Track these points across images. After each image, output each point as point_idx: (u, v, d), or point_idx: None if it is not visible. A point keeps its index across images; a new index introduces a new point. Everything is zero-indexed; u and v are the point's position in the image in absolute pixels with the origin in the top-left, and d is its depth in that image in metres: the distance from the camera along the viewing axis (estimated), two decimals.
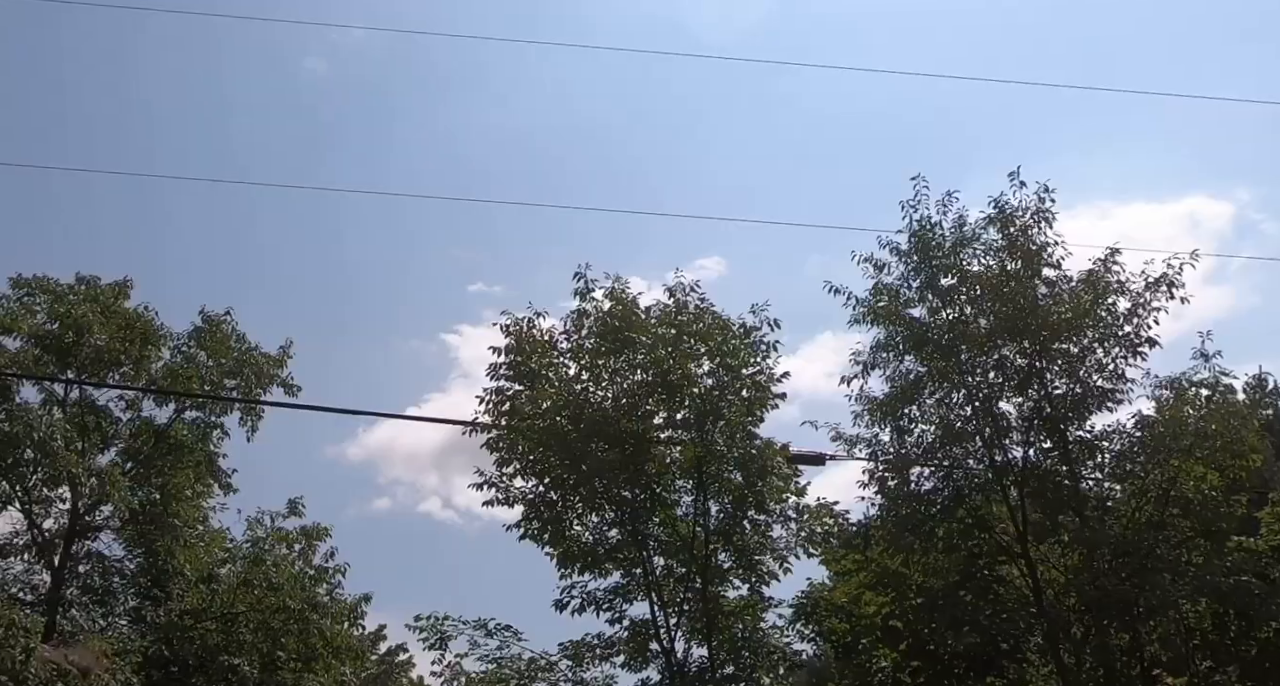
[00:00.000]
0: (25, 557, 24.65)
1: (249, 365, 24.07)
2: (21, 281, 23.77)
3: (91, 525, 24.06)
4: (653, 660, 18.07)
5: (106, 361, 23.58)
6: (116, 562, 24.69)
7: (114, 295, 24.08)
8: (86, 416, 23.80)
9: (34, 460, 22.41)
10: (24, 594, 24.17)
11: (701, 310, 18.03)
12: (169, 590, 23.02)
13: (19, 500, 23.86)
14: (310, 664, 21.91)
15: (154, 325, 24.15)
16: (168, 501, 23.57)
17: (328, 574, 23.41)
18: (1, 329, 23.13)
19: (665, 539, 18.30)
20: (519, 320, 18.41)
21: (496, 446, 18.00)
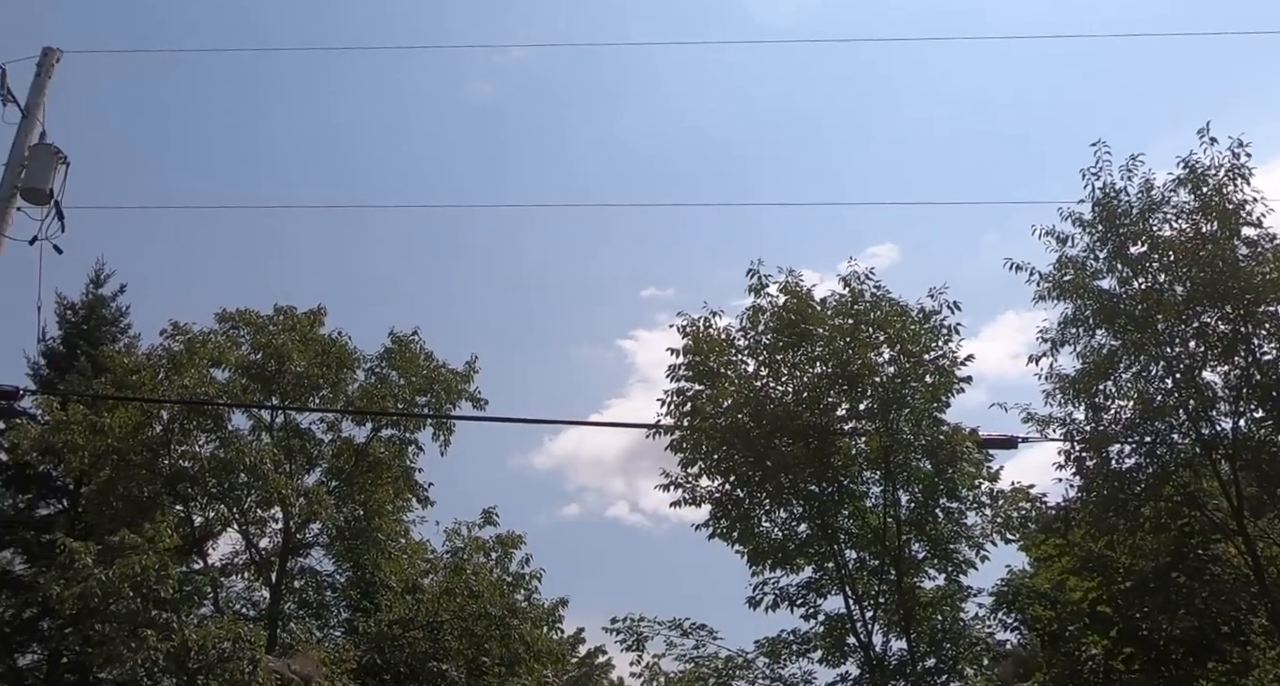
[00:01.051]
0: (245, 575, 26.06)
1: (438, 381, 24.83)
2: (226, 316, 25.13)
3: (303, 542, 25.20)
4: (850, 654, 17.81)
5: (307, 386, 24.67)
6: (328, 577, 25.85)
7: (310, 323, 25.19)
8: (292, 440, 24.88)
9: (248, 483, 23.46)
10: (247, 609, 25.48)
11: (878, 298, 17.73)
12: (377, 601, 23.88)
13: (237, 522, 25.19)
14: (514, 667, 22.35)
15: (348, 349, 25.13)
16: (371, 517, 24.47)
17: (524, 580, 23.87)
18: (211, 362, 24.36)
19: (856, 531, 18.03)
20: (695, 321, 18.49)
21: (680, 447, 18.07)
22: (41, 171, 11.39)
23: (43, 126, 11.68)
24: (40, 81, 11.84)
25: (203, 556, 26.36)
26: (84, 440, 22.85)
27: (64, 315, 30.91)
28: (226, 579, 25.82)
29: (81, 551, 19.52)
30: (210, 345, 24.15)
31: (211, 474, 23.09)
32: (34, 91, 11.79)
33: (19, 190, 11.29)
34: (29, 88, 11.75)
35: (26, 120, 11.61)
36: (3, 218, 11.16)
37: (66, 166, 11.59)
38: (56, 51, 12.06)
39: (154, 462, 23.12)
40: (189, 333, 24.23)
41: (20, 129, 11.57)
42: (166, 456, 23.22)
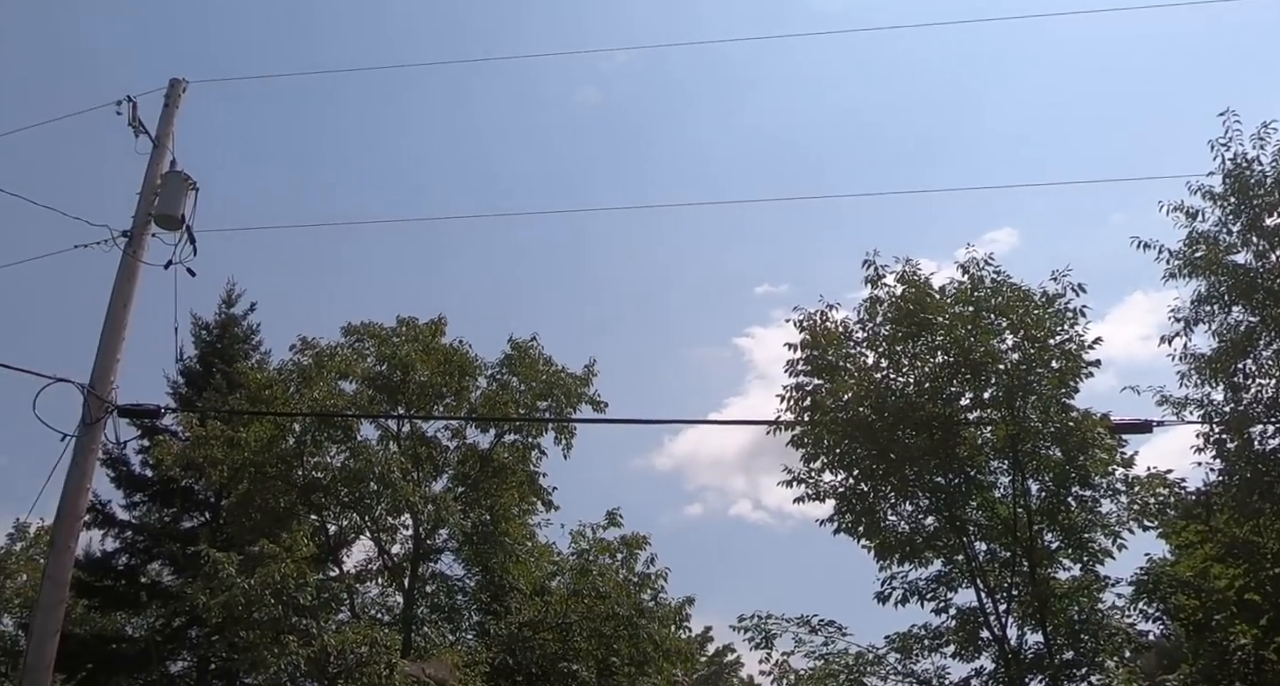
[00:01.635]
0: (379, 581, 26.70)
1: (558, 386, 25.11)
2: (351, 329, 25.79)
3: (433, 548, 25.71)
4: (985, 648, 17.48)
5: (431, 395, 25.15)
6: (458, 581, 26.31)
7: (431, 333, 25.71)
8: (419, 448, 25.39)
9: (378, 492, 23.96)
10: (382, 614, 26.08)
11: (998, 283, 17.36)
12: (507, 604, 24.24)
13: (369, 529, 25.82)
14: (643, 667, 22.48)
15: (469, 357, 25.60)
16: (497, 521, 24.85)
17: (650, 580, 23.99)
18: (339, 374, 25.03)
19: (985, 523, 17.70)
20: (811, 315, 18.35)
21: (801, 442, 17.96)
22: (173, 198, 11.85)
23: (172, 154, 12.16)
24: (169, 112, 12.33)
25: (338, 564, 27.09)
26: (222, 454, 23.70)
27: (199, 335, 32.08)
28: (361, 585, 26.46)
29: (225, 561, 20.21)
30: (337, 358, 24.78)
31: (343, 483, 23.68)
32: (163, 122, 12.27)
33: (153, 217, 11.76)
34: (158, 118, 12.27)
35: (157, 150, 12.09)
36: (139, 244, 11.64)
37: (196, 192, 12.04)
38: (183, 82, 12.54)
39: (289, 474, 23.82)
40: (317, 347, 24.94)
41: (151, 158, 12.06)
42: (300, 467, 23.91)
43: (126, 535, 30.13)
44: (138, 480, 30.19)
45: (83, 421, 10.86)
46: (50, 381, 10.64)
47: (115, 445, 13.87)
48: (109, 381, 11.08)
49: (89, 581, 28.59)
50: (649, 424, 23.98)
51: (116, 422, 11.27)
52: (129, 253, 11.53)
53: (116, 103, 11.85)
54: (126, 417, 11.43)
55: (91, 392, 10.92)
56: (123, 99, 11.88)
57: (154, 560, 30.41)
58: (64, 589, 10.76)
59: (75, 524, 10.87)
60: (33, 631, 10.65)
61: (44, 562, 12.13)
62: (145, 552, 30.30)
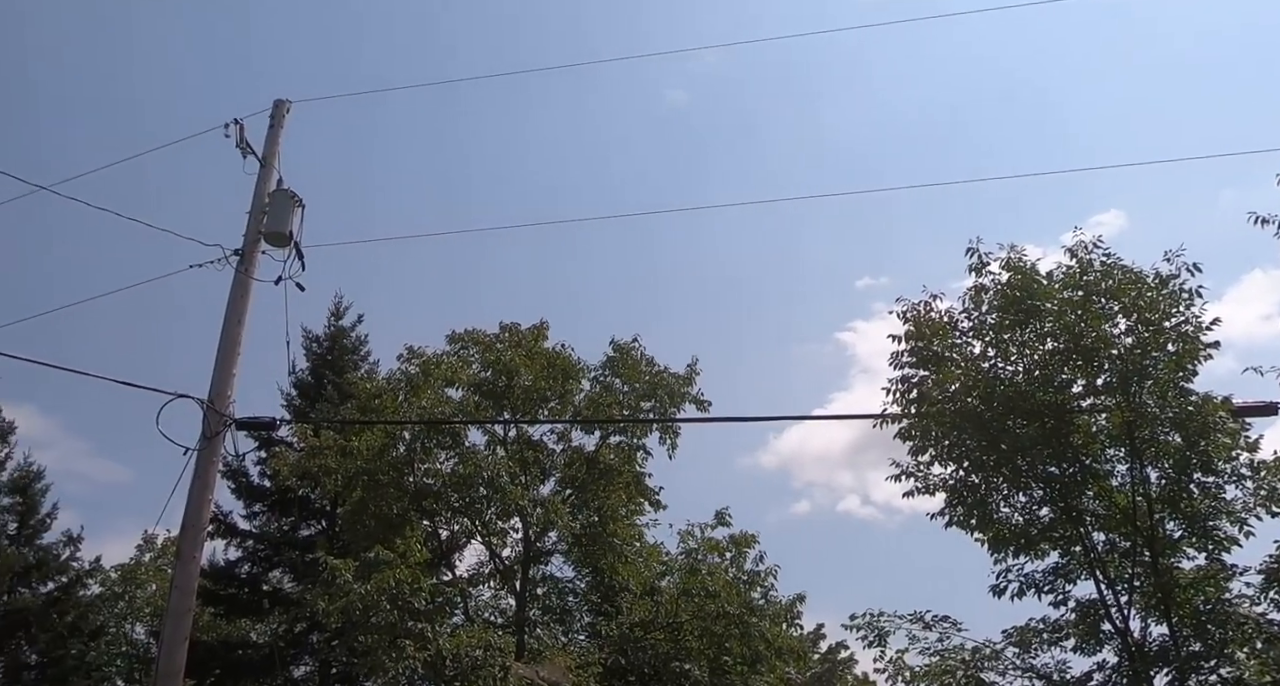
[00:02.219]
0: (491, 585, 27.07)
1: (661, 386, 25.18)
2: (456, 337, 26.19)
3: (543, 550, 25.98)
4: (1107, 641, 17.00)
5: (535, 399, 25.42)
6: (569, 582, 26.57)
7: (534, 338, 25.98)
8: (525, 452, 25.65)
9: (487, 496, 24.33)
10: (494, 617, 26.45)
11: (1108, 266, 16.86)
12: (618, 604, 24.38)
13: (480, 534, 26.21)
14: (755, 665, 22.42)
15: (572, 361, 25.82)
16: (605, 522, 25.00)
17: (760, 577, 23.93)
18: (445, 382, 25.42)
19: (1102, 512, 17.20)
20: (914, 305, 18.04)
21: (909, 435, 17.66)
22: (281, 216, 12.17)
23: (279, 173, 12.49)
24: (274, 132, 12.67)
25: (451, 568, 27.57)
26: (336, 463, 24.24)
27: (310, 348, 32.91)
28: (474, 589, 26.84)
29: (342, 568, 20.65)
30: (443, 366, 25.16)
31: (453, 489, 24.02)
32: (269, 142, 12.61)
33: (262, 235, 12.10)
34: (264, 139, 12.61)
35: (264, 170, 12.43)
36: (250, 262, 11.98)
37: (302, 208, 12.35)
38: (286, 103, 12.88)
39: (400, 481, 24.23)
40: (423, 355, 25.36)
41: (259, 178, 12.40)
42: (411, 474, 24.30)
43: (248, 544, 31.05)
44: (257, 490, 31.09)
45: (203, 435, 11.19)
46: (172, 398, 10.97)
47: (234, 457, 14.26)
48: (226, 396, 11.40)
49: (214, 589, 29.50)
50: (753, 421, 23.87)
51: (235, 435, 11.58)
52: (241, 270, 11.87)
53: (225, 125, 12.19)
54: (244, 430, 11.72)
55: (210, 407, 11.25)
56: (230, 122, 12.22)
57: (275, 568, 31.27)
58: (191, 597, 11.09)
59: (199, 534, 11.20)
60: (163, 638, 11.01)
61: (171, 572, 12.53)
62: (266, 561, 31.18)
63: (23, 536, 31.25)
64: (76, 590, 31.86)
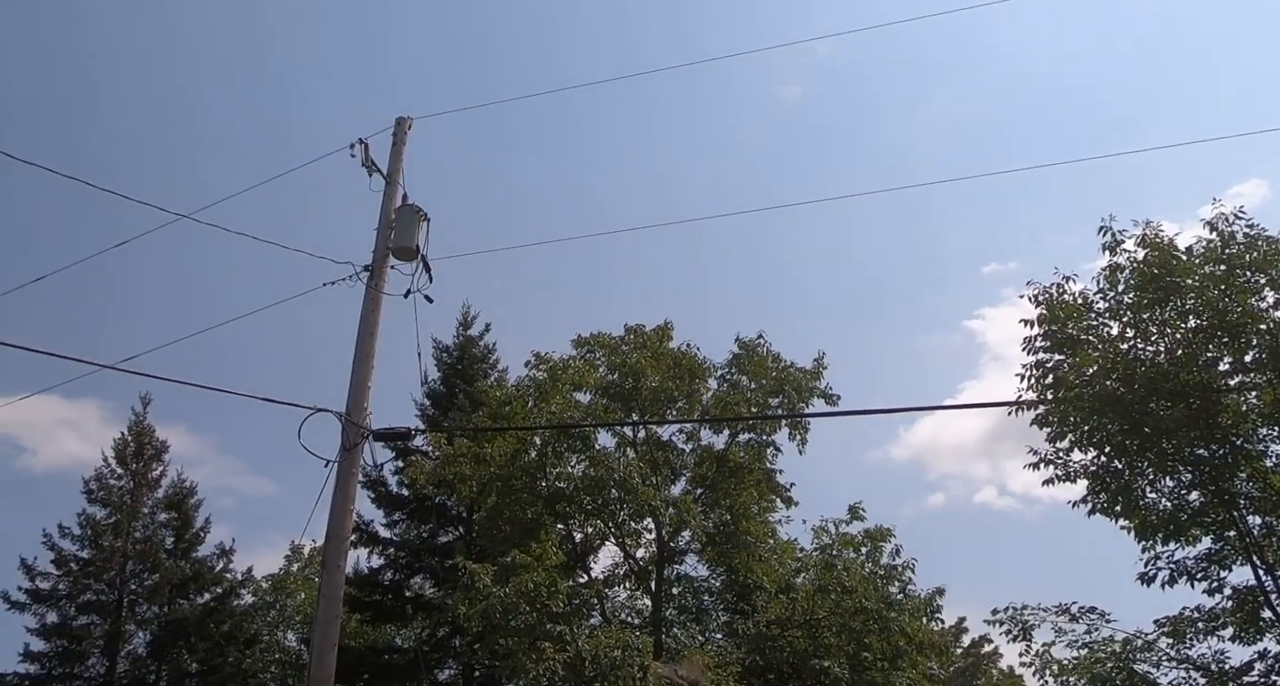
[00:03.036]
0: (627, 585, 27.24)
1: (788, 382, 24.99)
2: (582, 341, 26.39)
3: (676, 550, 26.01)
4: (1268, 629, 16.33)
5: (663, 400, 25.46)
6: (703, 582, 26.56)
7: (659, 339, 26.04)
8: (655, 452, 25.70)
9: (619, 498, 24.40)
10: (631, 618, 26.61)
11: (1252, 238, 16.17)
12: (753, 602, 24.26)
13: (613, 535, 26.38)
14: (896, 661, 22.05)
15: (698, 360, 25.82)
16: (738, 520, 24.93)
17: (897, 572, 23.57)
18: (573, 386, 25.64)
19: (1257, 494, 16.52)
20: (1046, 288, 17.60)
21: (1046, 422, 17.24)
22: (407, 230, 12.43)
23: (403, 189, 12.76)
24: (397, 149, 12.95)
25: (586, 570, 27.76)
26: (470, 470, 24.66)
27: (441, 358, 33.62)
28: (610, 590, 27.04)
29: (480, 572, 21.00)
30: (570, 370, 25.35)
31: (585, 492, 24.19)
32: (393, 159, 12.89)
33: (390, 250, 12.39)
34: (388, 156, 12.92)
35: (389, 186, 12.71)
36: (380, 277, 12.27)
37: (427, 222, 12.60)
38: (408, 119, 13.16)
39: (533, 486, 24.52)
40: (550, 361, 25.60)
41: (385, 195, 12.68)
42: (544, 479, 24.55)
43: (390, 552, 31.84)
44: (395, 499, 31.85)
45: (342, 448, 11.47)
46: (311, 412, 11.28)
47: (373, 468, 14.68)
48: (363, 408, 11.68)
49: (359, 597, 30.32)
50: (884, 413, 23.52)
51: (373, 446, 11.82)
52: (372, 286, 12.16)
53: (350, 146, 12.50)
54: (381, 441, 11.95)
55: (348, 420, 11.54)
56: (355, 142, 12.53)
57: (416, 574, 32.00)
58: (338, 605, 11.37)
59: (343, 544, 11.48)
60: (313, 645, 11.32)
61: (318, 581, 12.90)
62: (408, 567, 31.93)
63: (179, 550, 32.57)
64: (231, 600, 33.08)
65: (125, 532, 31.52)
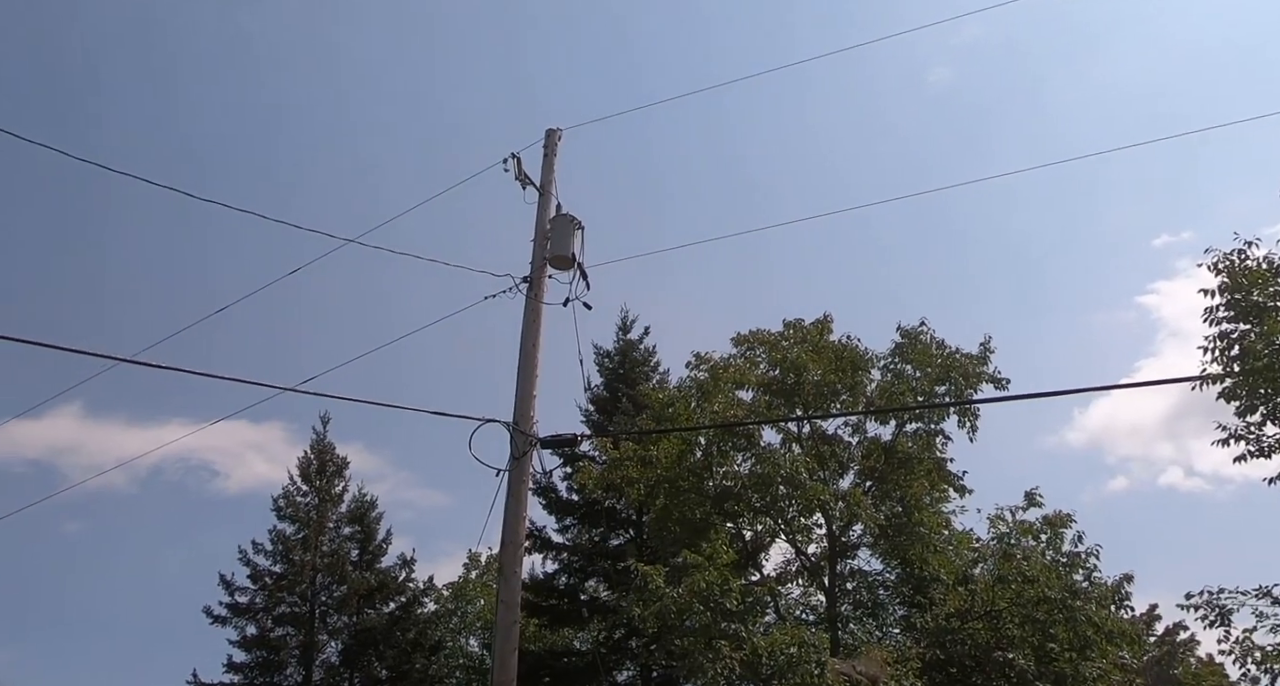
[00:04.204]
0: (800, 582, 27.11)
1: (954, 368, 24.45)
2: (741, 338, 26.33)
3: (848, 544, 25.74)
4: None
5: (826, 394, 25.23)
6: (878, 576, 26.23)
7: (819, 332, 25.80)
8: (821, 447, 25.50)
9: (787, 494, 24.24)
10: (806, 614, 26.48)
11: None
12: (930, 595, 23.82)
13: (784, 532, 26.28)
14: (1084, 651, 21.27)
15: (859, 351, 25.51)
16: (910, 512, 24.46)
17: (1080, 559, 22.76)
18: (735, 384, 25.64)
19: None
20: (1227, 255, 16.81)
21: (1234, 395, 16.49)
22: (563, 239, 12.66)
23: (556, 199, 13.00)
24: (549, 160, 13.19)
25: (758, 568, 27.76)
26: (637, 473, 24.91)
27: (602, 363, 34.04)
28: (783, 587, 26.96)
29: (653, 574, 21.16)
30: (731, 369, 25.35)
31: (753, 489, 24.14)
32: (544, 170, 13.15)
33: (547, 260, 12.63)
34: (539, 168, 13.18)
35: (543, 197, 12.97)
36: (539, 287, 12.52)
37: (582, 230, 12.81)
38: (558, 131, 13.41)
39: (700, 486, 24.62)
40: (710, 360, 25.66)
41: (539, 206, 12.95)
42: (710, 478, 24.64)
43: (563, 557, 32.38)
44: (566, 505, 32.37)
45: (511, 456, 11.75)
46: (480, 423, 11.59)
47: (542, 475, 14.95)
48: (529, 416, 11.94)
49: (536, 602, 30.91)
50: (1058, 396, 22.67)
51: (541, 454, 12.09)
52: (531, 296, 12.42)
53: (504, 160, 12.81)
54: (549, 448, 12.21)
55: (516, 429, 11.81)
56: (508, 156, 12.83)
57: (590, 577, 32.46)
58: (516, 610, 11.65)
59: (517, 551, 11.76)
60: (495, 650, 11.64)
61: (496, 588, 13.22)
62: (581, 571, 32.41)
63: (364, 562, 33.79)
64: (415, 608, 34.13)
65: (313, 547, 32.85)
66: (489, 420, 11.65)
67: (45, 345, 9.04)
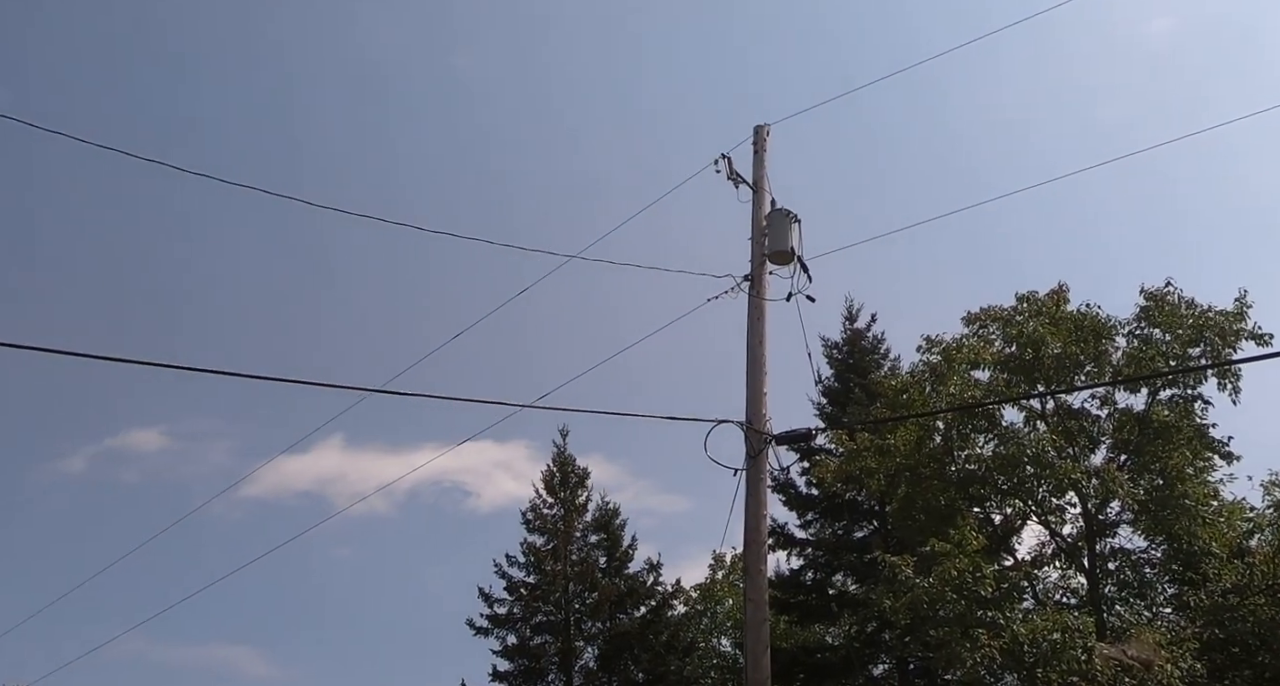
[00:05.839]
0: (1056, 565, 26.08)
1: (1208, 328, 23.01)
2: (973, 317, 25.60)
3: (1106, 522, 24.65)
4: None
5: (1068, 366, 24.24)
6: (1141, 553, 24.95)
7: (1054, 303, 24.80)
8: (1067, 422, 24.60)
9: (1035, 474, 23.56)
10: (1066, 598, 25.46)
11: None
12: (1203, 571, 22.46)
13: (1035, 514, 25.44)
14: None
15: (1100, 319, 24.41)
16: (1172, 484, 23.14)
17: None
18: (970, 365, 24.95)
19: None
20: None
21: None
22: (780, 235, 12.60)
23: (770, 194, 12.95)
24: (759, 157, 13.15)
25: (1011, 552, 26.91)
26: (876, 463, 24.62)
27: (830, 355, 33.75)
28: (1039, 571, 26.05)
29: (900, 565, 20.88)
30: (965, 349, 24.77)
31: (998, 471, 23.60)
32: (755, 167, 13.11)
33: (766, 257, 12.60)
34: (750, 165, 13.15)
35: (756, 194, 12.95)
36: (760, 285, 12.49)
37: (799, 224, 12.73)
38: (766, 127, 13.35)
39: (943, 471, 24.20)
40: (942, 343, 25.14)
41: (753, 203, 12.92)
42: (952, 463, 24.23)
43: (807, 552, 32.25)
44: (806, 500, 32.23)
45: (747, 455, 11.82)
46: (714, 425, 11.69)
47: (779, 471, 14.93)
48: (762, 414, 11.96)
49: (784, 599, 30.86)
50: None
51: (776, 451, 12.09)
52: (753, 294, 12.43)
53: (714, 162, 12.90)
54: (784, 444, 12.18)
55: (749, 428, 11.85)
56: (718, 157, 12.89)
57: (836, 572, 32.20)
58: (764, 608, 11.71)
59: (761, 549, 11.82)
60: (747, 649, 11.74)
61: (742, 587, 13.29)
62: (827, 566, 32.19)
63: (612, 568, 34.48)
64: (665, 611, 34.59)
65: (563, 556, 33.76)
66: (722, 421, 11.75)
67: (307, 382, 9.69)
